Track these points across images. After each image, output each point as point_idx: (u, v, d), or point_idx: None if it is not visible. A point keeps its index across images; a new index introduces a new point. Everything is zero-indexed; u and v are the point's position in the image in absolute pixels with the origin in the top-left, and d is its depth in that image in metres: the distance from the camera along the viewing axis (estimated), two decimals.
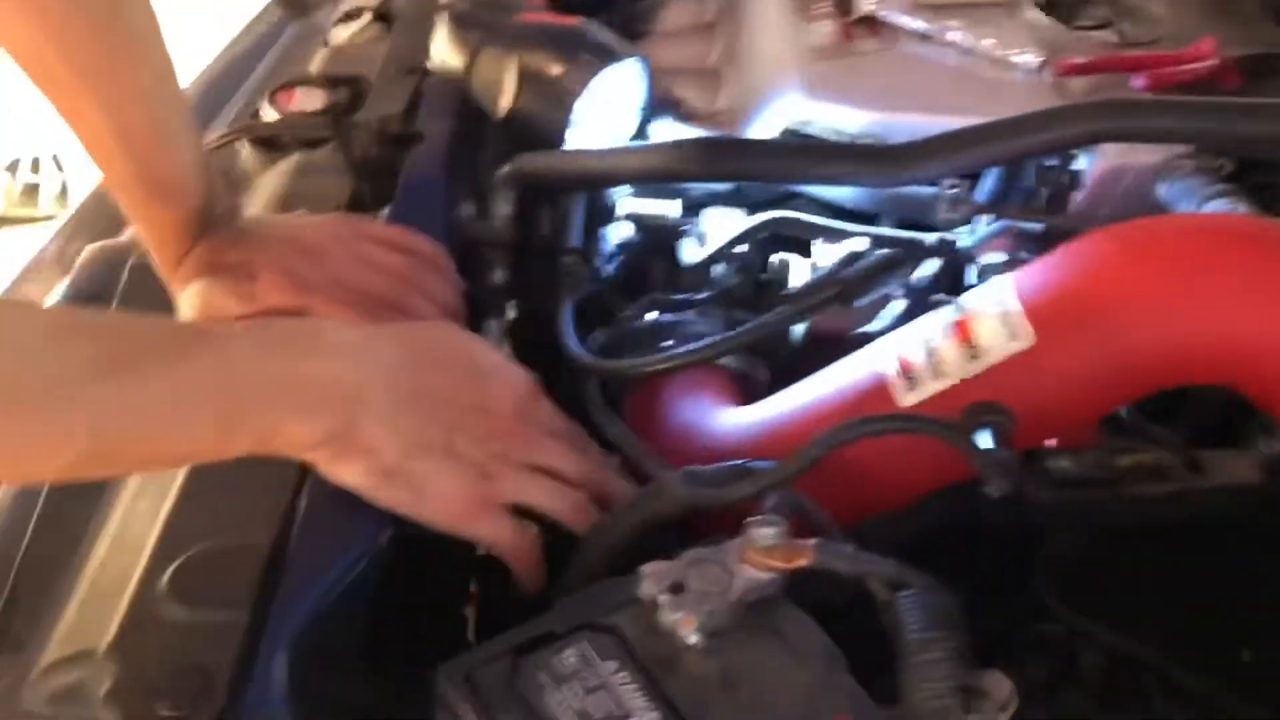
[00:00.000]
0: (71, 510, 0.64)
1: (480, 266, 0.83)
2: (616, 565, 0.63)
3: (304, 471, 0.62)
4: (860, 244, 0.77)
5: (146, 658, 0.54)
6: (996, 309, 0.64)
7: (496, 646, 0.56)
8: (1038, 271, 0.64)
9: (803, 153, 0.73)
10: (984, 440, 0.61)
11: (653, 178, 0.75)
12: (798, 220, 0.79)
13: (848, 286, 0.71)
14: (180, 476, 0.64)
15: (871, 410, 0.66)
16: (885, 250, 0.75)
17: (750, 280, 0.81)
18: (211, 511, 0.62)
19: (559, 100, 0.82)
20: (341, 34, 1.13)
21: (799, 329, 0.78)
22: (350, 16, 1.16)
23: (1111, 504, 0.80)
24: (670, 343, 0.79)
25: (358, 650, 0.62)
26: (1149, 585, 0.93)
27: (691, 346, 0.71)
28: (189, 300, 0.72)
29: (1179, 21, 0.93)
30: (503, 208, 0.85)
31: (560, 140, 0.83)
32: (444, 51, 0.88)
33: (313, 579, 0.58)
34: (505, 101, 0.85)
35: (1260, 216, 0.71)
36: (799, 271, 0.81)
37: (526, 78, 0.83)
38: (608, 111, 0.87)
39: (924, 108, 0.81)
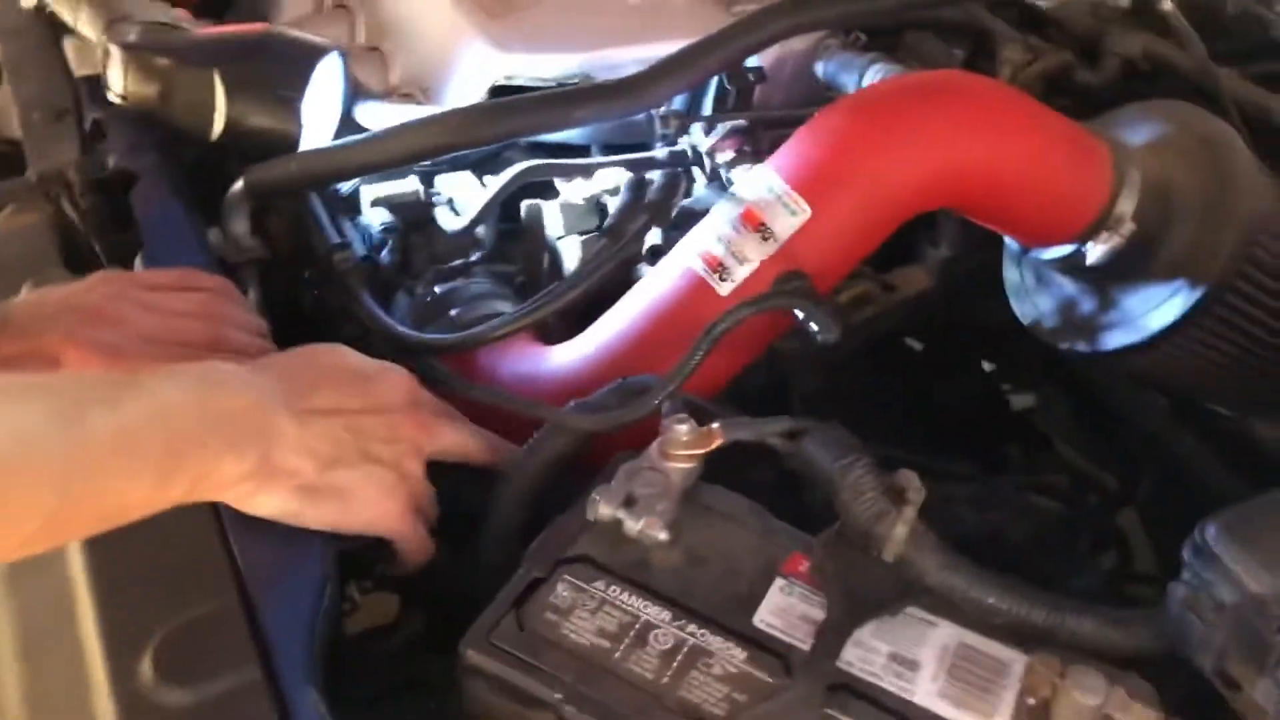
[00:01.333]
0: None
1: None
2: (527, 513, 0.69)
3: (219, 526, 0.62)
4: (609, 173, 0.86)
5: None
6: (771, 194, 0.75)
7: (496, 610, 0.60)
8: (791, 155, 0.76)
9: (553, 102, 0.79)
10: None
11: (423, 155, 0.78)
12: (548, 165, 0.86)
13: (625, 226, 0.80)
14: (80, 577, 0.61)
15: (697, 309, 0.75)
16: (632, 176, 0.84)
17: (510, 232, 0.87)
18: (150, 597, 0.60)
19: (283, 107, 0.82)
20: None
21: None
22: None
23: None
24: (462, 309, 0.84)
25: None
26: (870, 396, 1.13)
27: (525, 307, 0.76)
28: None
29: None
30: (238, 225, 0.84)
31: (293, 146, 0.83)
32: (128, 83, 0.84)
33: (295, 613, 0.59)
34: (219, 118, 0.83)
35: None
36: (551, 213, 0.88)
37: (238, 92, 0.82)
38: (318, 108, 0.87)
39: (615, 42, 0.90)
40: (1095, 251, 0.81)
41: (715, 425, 0.66)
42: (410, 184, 0.88)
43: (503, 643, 0.58)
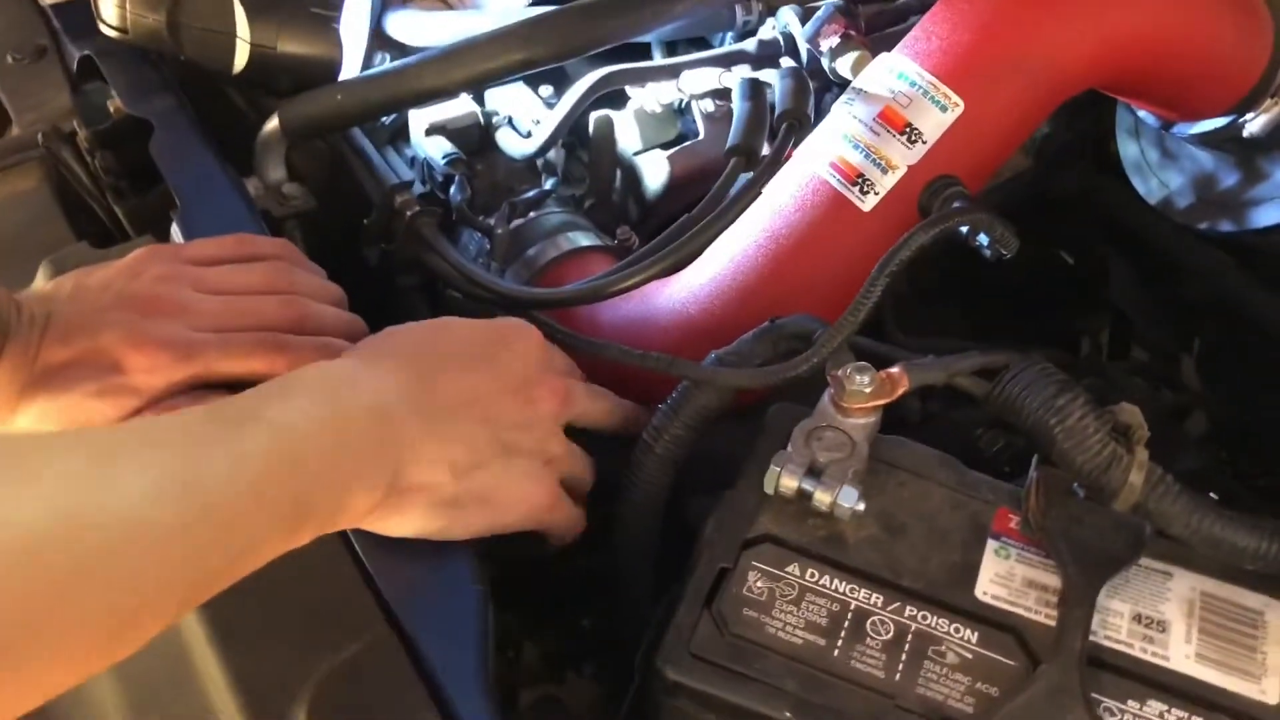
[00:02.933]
0: None
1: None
2: (671, 482, 0.61)
3: (351, 551, 0.53)
4: (697, 72, 0.75)
5: None
6: (915, 88, 0.65)
7: (685, 614, 0.52)
8: (929, 40, 0.66)
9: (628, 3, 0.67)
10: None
11: (497, 77, 0.67)
12: (626, 72, 0.75)
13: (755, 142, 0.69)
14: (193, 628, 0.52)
15: (838, 230, 0.66)
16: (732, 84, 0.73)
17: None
18: (285, 640, 0.51)
19: (319, 28, 0.70)
20: None
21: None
22: None
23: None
24: (540, 246, 0.74)
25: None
26: (953, 298, 1.05)
27: (655, 249, 0.67)
28: (45, 425, 0.56)
29: None
30: (276, 171, 0.73)
31: (332, 74, 0.71)
32: (128, 10, 0.71)
33: (456, 633, 0.50)
34: (241, 49, 0.70)
35: None
36: (624, 124, 0.77)
37: (263, 14, 0.70)
38: (352, 25, 0.75)
39: None
40: (1256, 123, 0.72)
41: (897, 369, 0.57)
42: (465, 105, 0.76)
43: (706, 652, 0.51)
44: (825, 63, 0.74)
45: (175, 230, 0.67)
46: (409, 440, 0.52)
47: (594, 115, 0.76)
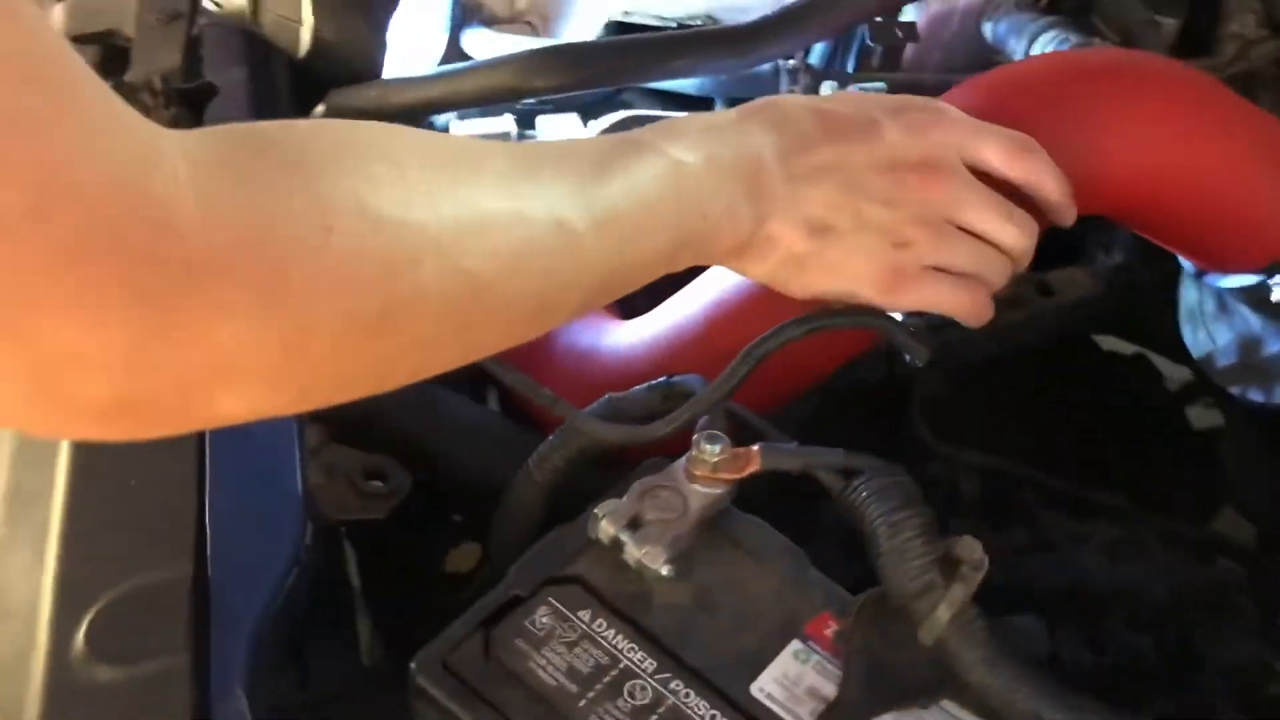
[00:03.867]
0: None
1: None
2: (546, 513, 0.62)
3: (201, 493, 0.57)
4: None
5: None
6: None
7: (464, 626, 0.53)
8: None
9: (653, 48, 0.69)
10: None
11: (500, 97, 0.70)
12: (643, 118, 0.76)
13: None
14: (56, 520, 0.57)
15: (772, 304, 0.65)
16: None
17: None
18: (110, 553, 0.55)
19: (369, 26, 0.76)
20: None
21: None
22: None
23: (974, 338, 0.84)
24: None
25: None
26: (1013, 408, 0.99)
27: None
28: None
29: None
30: None
31: (377, 69, 0.77)
32: None
33: (246, 601, 0.53)
34: (306, 34, 0.77)
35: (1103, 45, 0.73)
36: None
37: (325, 8, 0.76)
38: (416, 31, 0.81)
39: None
40: (1221, 329, 0.66)
41: (755, 448, 0.57)
42: (503, 124, 0.80)
43: (460, 668, 0.52)
44: None
45: None
46: (773, 194, 0.54)
47: None
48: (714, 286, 0.68)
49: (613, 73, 0.68)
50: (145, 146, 0.36)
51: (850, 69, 0.79)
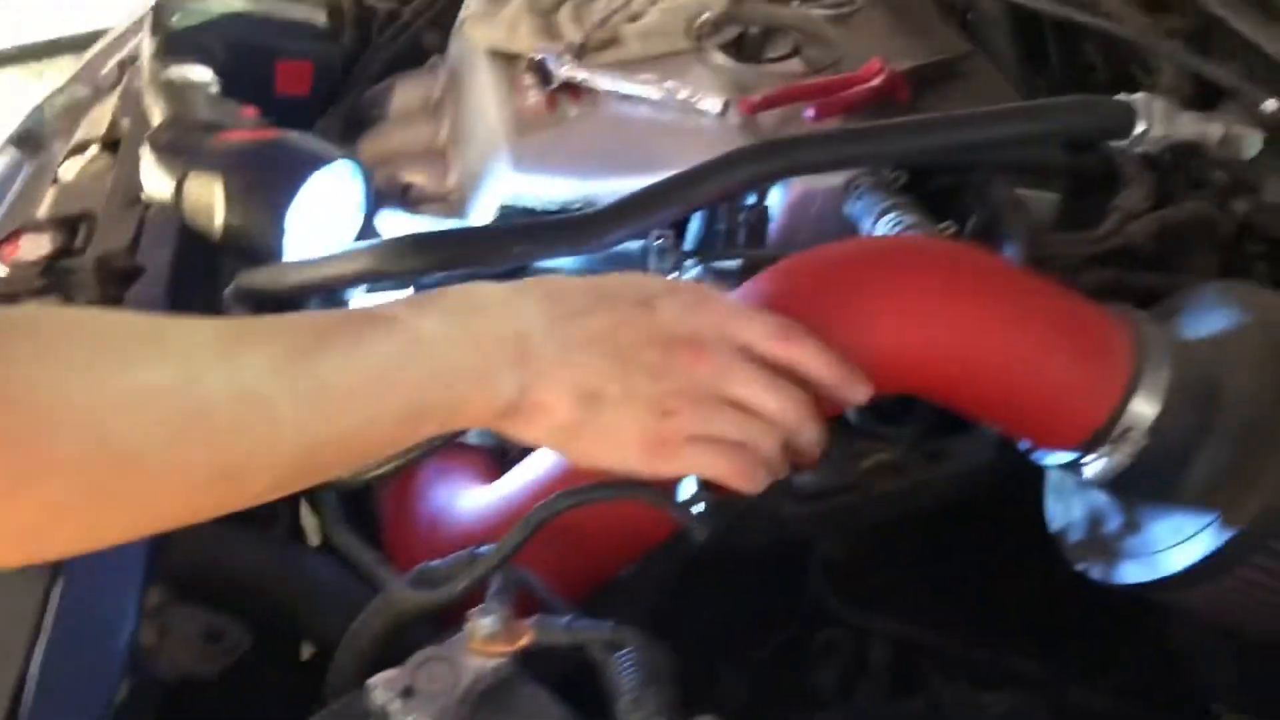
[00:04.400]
0: None
1: None
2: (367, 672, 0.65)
3: (33, 636, 0.62)
4: None
5: None
6: None
7: None
8: None
9: (498, 236, 0.75)
10: (689, 486, 0.63)
11: (369, 279, 0.76)
12: None
13: None
14: None
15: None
16: None
17: None
18: None
19: (269, 214, 0.83)
20: (71, 169, 1.12)
21: None
22: (79, 149, 1.15)
23: (862, 506, 0.85)
24: None
25: None
26: (916, 572, 0.99)
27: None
28: None
29: (860, 41, 0.98)
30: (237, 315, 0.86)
31: (277, 252, 0.84)
32: (152, 181, 0.88)
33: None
34: (219, 221, 0.85)
35: (920, 230, 0.75)
36: None
37: (233, 197, 0.84)
38: (326, 214, 0.88)
39: (624, 169, 0.84)
40: (1092, 467, 0.66)
41: (529, 621, 0.59)
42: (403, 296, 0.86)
43: None
44: None
45: None
46: (541, 362, 0.56)
47: None
48: (547, 454, 0.71)
49: (460, 259, 0.74)
50: None
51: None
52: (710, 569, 0.84)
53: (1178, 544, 0.66)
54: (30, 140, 1.26)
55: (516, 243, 0.73)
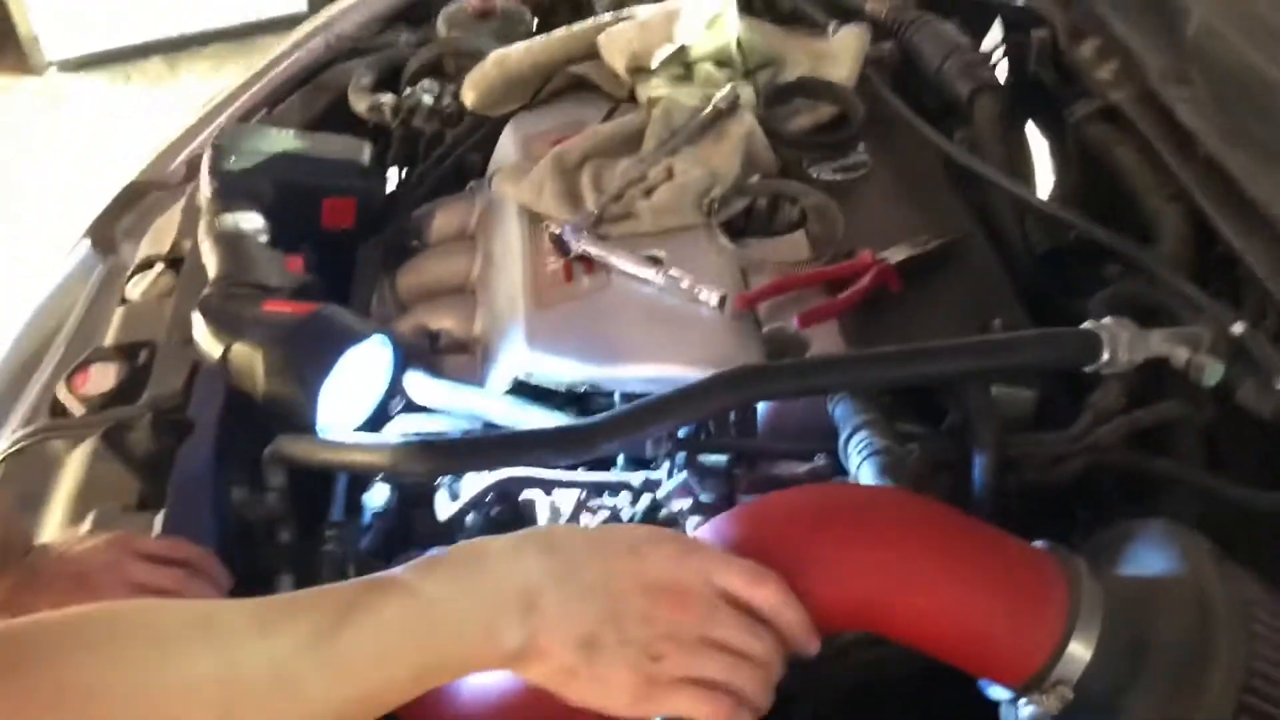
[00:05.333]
0: None
1: (265, 533, 0.94)
2: None
3: None
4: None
5: None
6: None
7: None
8: None
9: (507, 444, 0.83)
10: None
11: (381, 472, 0.85)
12: (524, 478, 0.90)
13: None
14: None
15: None
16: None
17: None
18: None
19: (304, 387, 0.92)
20: (136, 289, 1.22)
21: None
22: (144, 266, 1.24)
23: (844, 673, 0.92)
24: None
25: None
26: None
27: None
28: None
29: (862, 215, 1.04)
30: (275, 479, 0.95)
31: (310, 420, 0.92)
32: (204, 342, 0.97)
33: None
34: (259, 388, 0.94)
35: (885, 456, 0.81)
36: (542, 506, 0.92)
37: (272, 370, 0.93)
38: (357, 382, 0.96)
39: (626, 358, 0.92)
40: (1025, 711, 0.72)
41: None
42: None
43: None
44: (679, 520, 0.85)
45: (157, 523, 0.91)
46: (545, 613, 0.62)
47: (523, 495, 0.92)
48: None
49: (470, 464, 0.82)
50: None
51: None
52: None
53: None
54: (106, 240, 1.36)
55: (518, 452, 0.81)
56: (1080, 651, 0.71)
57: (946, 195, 1.07)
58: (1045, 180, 1.35)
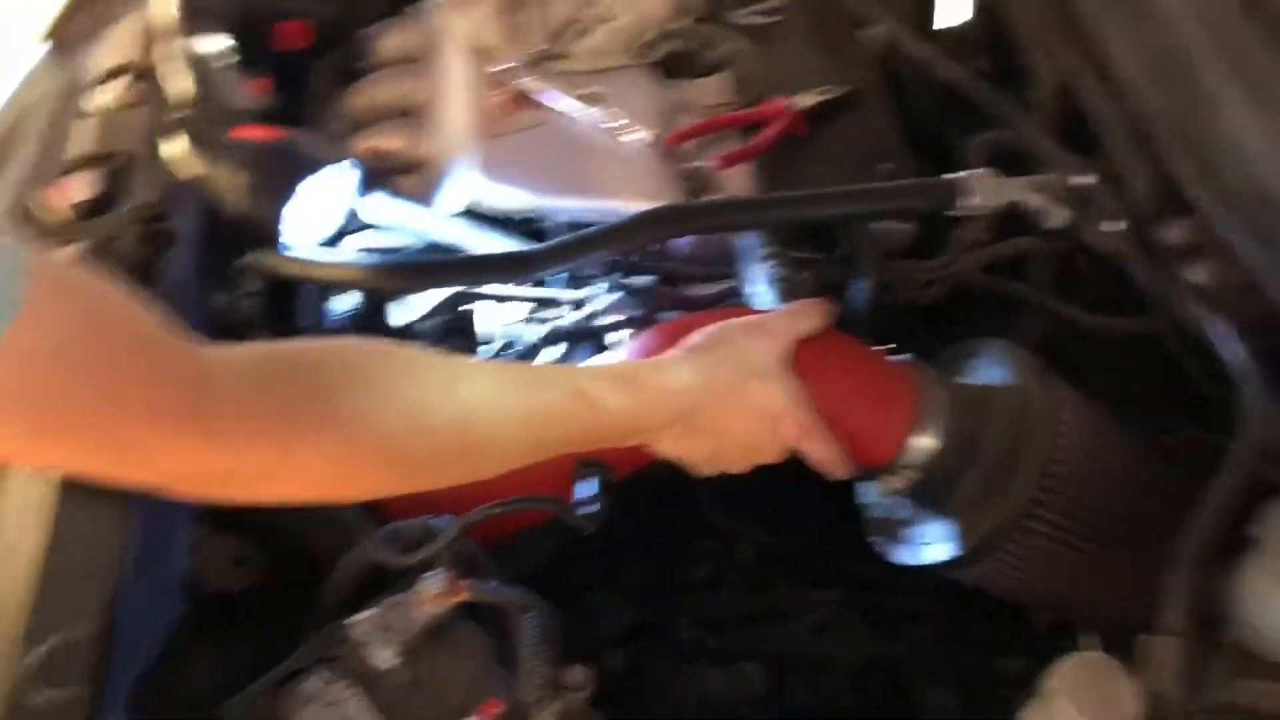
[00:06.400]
0: None
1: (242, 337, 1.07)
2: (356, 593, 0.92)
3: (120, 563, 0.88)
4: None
5: None
6: None
7: (264, 683, 0.84)
8: None
9: (462, 266, 0.96)
10: (588, 486, 0.89)
11: (352, 287, 0.98)
12: (472, 294, 1.04)
13: None
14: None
15: None
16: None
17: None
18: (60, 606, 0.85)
19: (274, 206, 1.03)
20: (105, 97, 1.28)
21: None
22: (113, 75, 1.30)
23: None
24: None
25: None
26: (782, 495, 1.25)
27: None
28: None
29: (777, 61, 1.16)
30: (251, 284, 1.08)
31: (275, 236, 1.04)
32: (185, 160, 1.07)
33: (133, 652, 0.85)
34: (234, 206, 1.05)
35: (788, 281, 0.97)
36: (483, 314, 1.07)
37: (244, 191, 1.04)
38: (323, 200, 1.08)
39: (568, 190, 1.05)
40: (870, 491, 0.91)
41: (464, 583, 0.86)
42: None
43: (253, 714, 0.83)
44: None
45: None
46: (695, 415, 0.85)
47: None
48: None
49: (432, 282, 0.96)
50: (197, 376, 0.66)
51: None
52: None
53: (934, 544, 0.92)
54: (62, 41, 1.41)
55: (472, 273, 0.95)
56: (925, 442, 0.90)
57: (850, 44, 1.19)
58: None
